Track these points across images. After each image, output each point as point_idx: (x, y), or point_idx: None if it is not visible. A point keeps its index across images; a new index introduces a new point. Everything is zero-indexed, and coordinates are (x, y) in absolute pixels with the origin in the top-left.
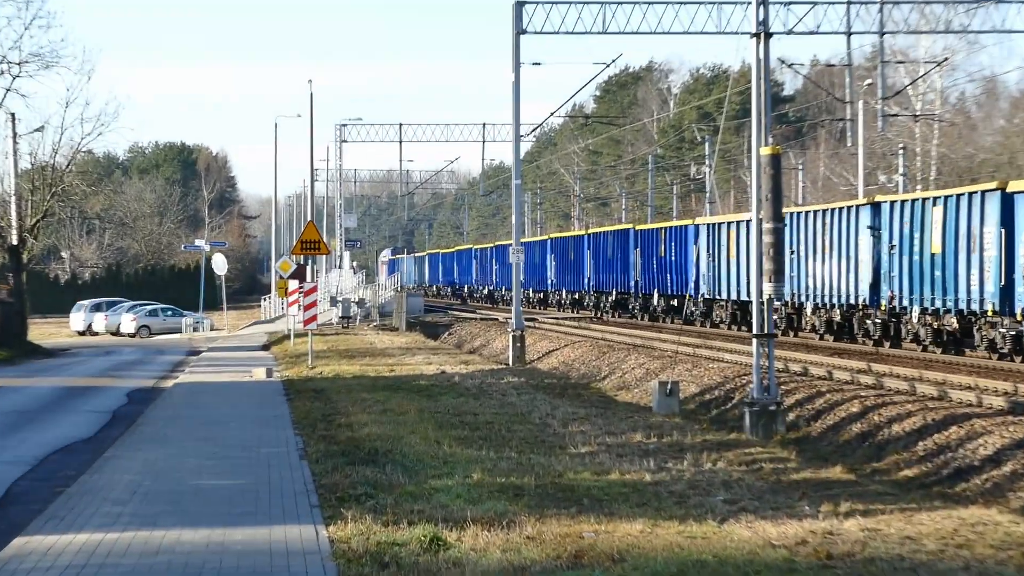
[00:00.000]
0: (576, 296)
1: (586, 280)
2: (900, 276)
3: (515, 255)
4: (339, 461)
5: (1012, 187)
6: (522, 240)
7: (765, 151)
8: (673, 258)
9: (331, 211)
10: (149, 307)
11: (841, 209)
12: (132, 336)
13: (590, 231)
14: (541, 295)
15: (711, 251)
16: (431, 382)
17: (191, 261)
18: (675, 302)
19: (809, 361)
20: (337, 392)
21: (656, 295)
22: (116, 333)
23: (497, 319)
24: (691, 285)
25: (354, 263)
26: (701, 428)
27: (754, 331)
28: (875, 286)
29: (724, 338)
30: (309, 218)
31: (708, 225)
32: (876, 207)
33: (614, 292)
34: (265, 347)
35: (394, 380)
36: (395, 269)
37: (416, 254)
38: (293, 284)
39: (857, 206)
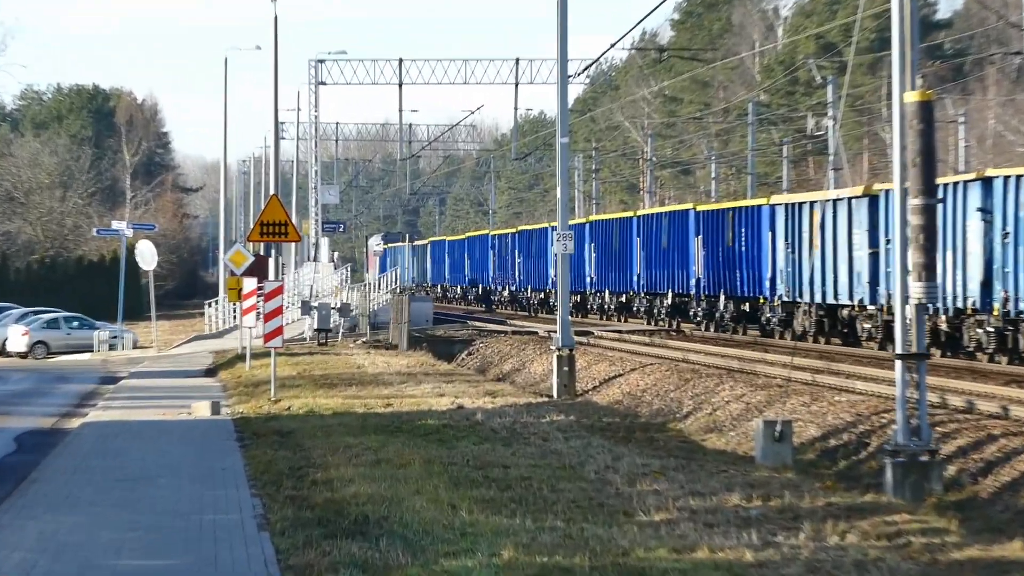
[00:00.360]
0: (623, 299)
1: (635, 278)
2: (1017, 272)
3: (561, 242)
4: (314, 533)
5: None
6: (548, 224)
7: (911, 97)
8: (743, 248)
9: (303, 181)
10: (47, 316)
11: (944, 187)
12: (23, 356)
13: (640, 213)
14: (578, 297)
15: (790, 239)
16: (443, 421)
17: (106, 251)
18: (746, 306)
19: (973, 392)
20: (311, 436)
21: (723, 297)
22: (0, 352)
23: (537, 333)
24: (766, 284)
25: (335, 254)
26: (823, 486)
27: (897, 349)
28: (987, 285)
29: (855, 359)
30: (272, 191)
31: (786, 205)
32: (988, 184)
33: (669, 293)
34: (210, 372)
35: (392, 419)
36: (390, 263)
37: (416, 243)
38: (250, 284)
39: (964, 183)
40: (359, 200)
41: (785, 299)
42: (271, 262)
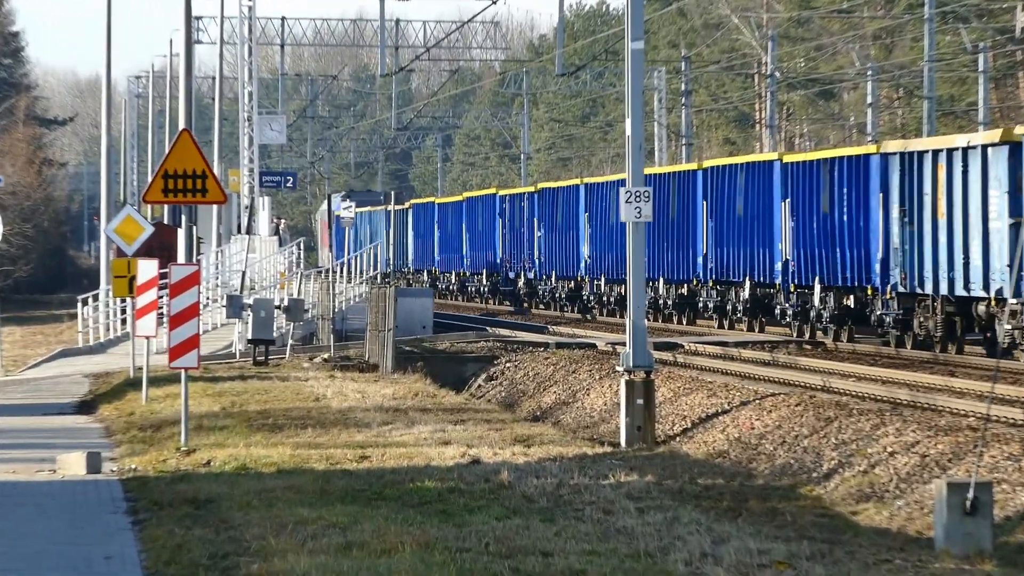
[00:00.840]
0: (684, 290)
1: (700, 260)
2: None
3: (633, 204)
4: None
5: None
6: (580, 181)
7: None
8: (845, 217)
9: (231, 109)
10: None
11: None
12: None
13: (706, 164)
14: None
15: (908, 205)
16: (450, 483)
17: None
18: (851, 299)
19: None
20: (244, 506)
21: (818, 287)
22: None
23: (595, 346)
24: (875, 268)
25: (281, 223)
26: None
27: None
28: None
29: None
30: (183, 125)
31: (902, 155)
32: None
33: (747, 283)
34: (86, 407)
35: (369, 479)
36: (362, 236)
37: (393, 206)
38: (147, 270)
39: None
40: (318, 139)
41: (901, 289)
42: (181, 235)
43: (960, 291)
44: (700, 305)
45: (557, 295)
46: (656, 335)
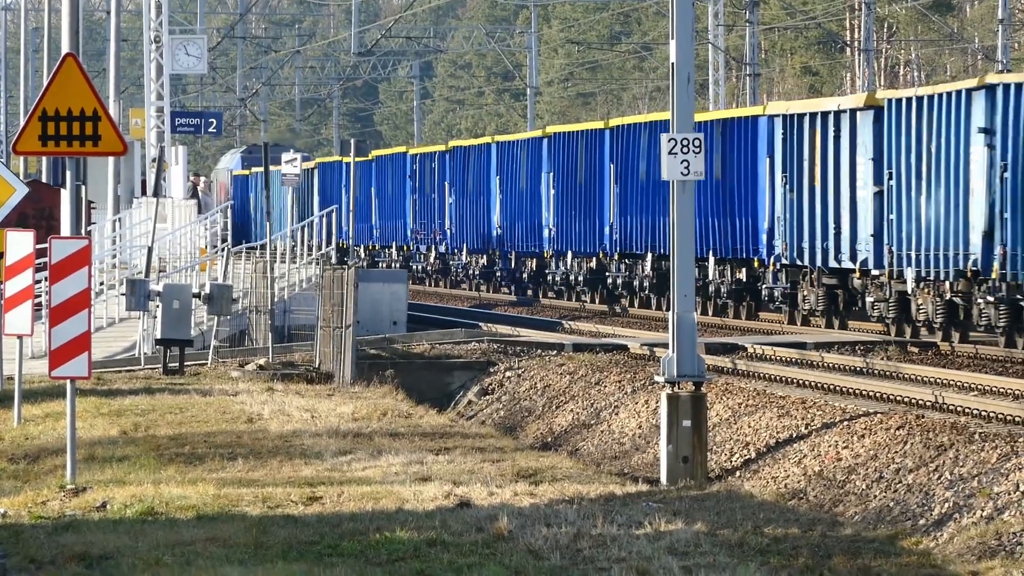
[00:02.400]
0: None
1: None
2: (1012, 218)
3: (678, 157)
4: None
5: None
6: (492, 139)
7: None
8: (736, 184)
9: (131, 27)
10: None
11: (939, 98)
12: None
13: (613, 123)
14: (533, 263)
15: (789, 172)
16: (429, 533)
17: None
18: (743, 273)
19: None
20: (149, 566)
21: (712, 259)
22: None
23: (627, 348)
24: (763, 239)
25: (200, 181)
26: None
27: None
28: (990, 237)
29: None
30: (68, 48)
31: (785, 117)
32: (991, 93)
33: (649, 256)
34: None
35: (322, 527)
36: (316, 198)
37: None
38: (20, 245)
39: (966, 91)
40: (251, 68)
41: (784, 261)
42: (65, 199)
43: (833, 263)
44: (610, 281)
45: (470, 274)
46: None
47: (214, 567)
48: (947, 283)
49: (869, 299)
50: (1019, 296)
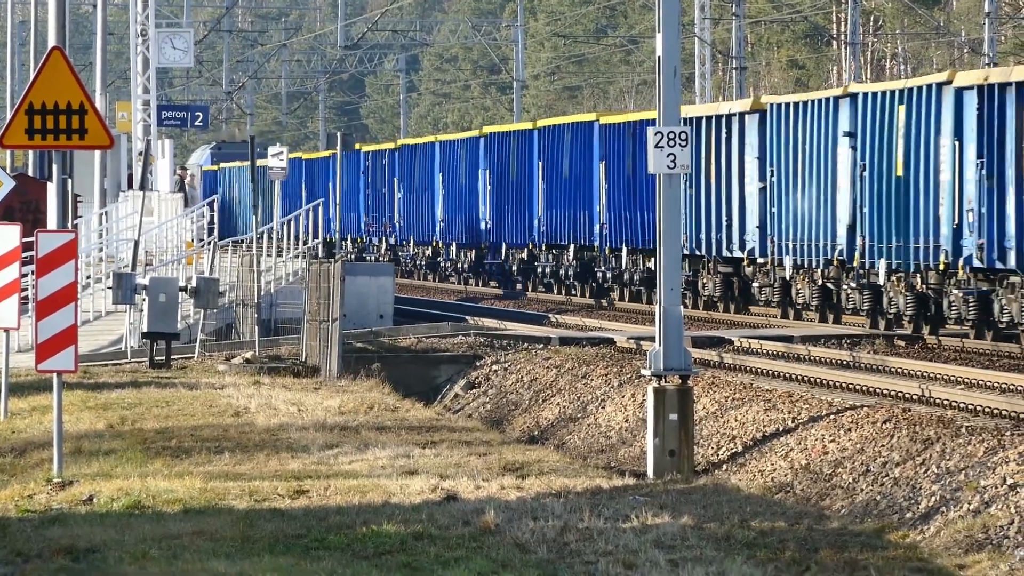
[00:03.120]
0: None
1: (536, 222)
2: (870, 212)
3: (664, 150)
4: None
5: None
6: (435, 138)
7: None
8: (646, 179)
9: (118, 20)
10: None
11: (812, 104)
12: None
13: (540, 124)
14: (471, 254)
15: (691, 169)
16: (416, 527)
17: None
18: (651, 262)
19: None
20: (139, 557)
21: (625, 250)
22: None
23: (613, 341)
24: (596, 228)
25: (187, 174)
26: None
27: None
28: (853, 229)
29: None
30: (54, 41)
31: (685, 120)
32: (854, 100)
33: (571, 247)
34: None
35: (308, 521)
36: (301, 192)
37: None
38: (5, 239)
39: (833, 99)
40: (237, 62)
41: (685, 252)
42: (51, 192)
43: (726, 252)
44: (539, 270)
45: (418, 262)
46: (548, 307)
47: (201, 560)
48: (819, 270)
49: (756, 284)
50: (877, 281)
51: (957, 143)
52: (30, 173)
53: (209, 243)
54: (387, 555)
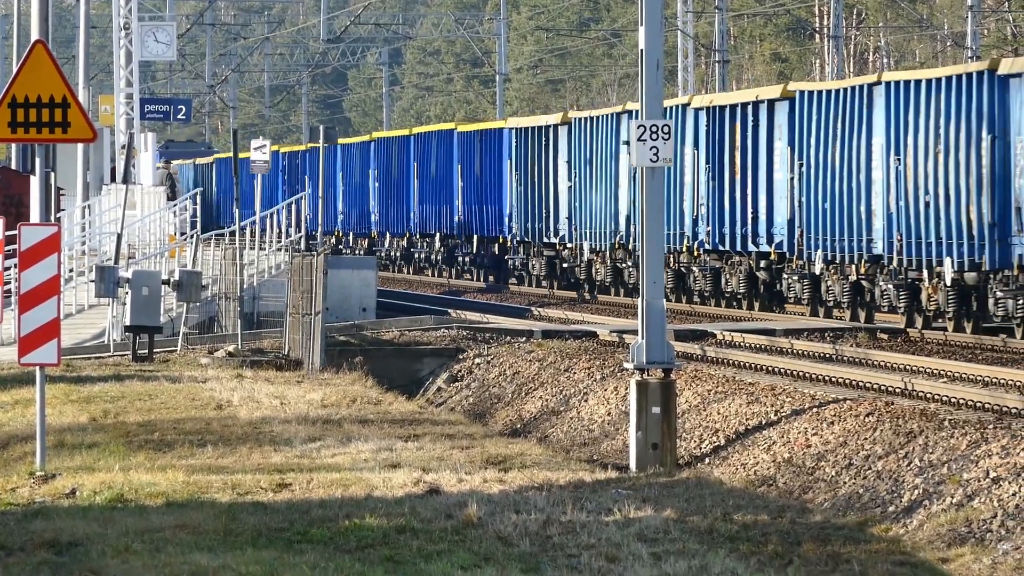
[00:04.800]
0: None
1: (410, 214)
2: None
3: (646, 144)
4: None
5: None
6: (370, 137)
7: None
8: (488, 179)
9: (100, 14)
10: None
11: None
12: None
13: (416, 130)
14: (402, 242)
15: (521, 169)
16: (399, 520)
17: None
18: (495, 248)
19: None
20: (121, 551)
21: (475, 238)
22: None
23: (596, 335)
24: (506, 221)
25: (170, 167)
26: None
27: None
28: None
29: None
30: (37, 35)
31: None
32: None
33: (437, 236)
34: None
35: (291, 514)
36: (284, 186)
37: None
38: None
39: (617, 115)
40: (220, 55)
41: (520, 238)
42: (34, 185)
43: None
44: (416, 256)
45: (357, 251)
46: (530, 300)
47: (183, 554)
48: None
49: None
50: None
51: (695, 152)
52: (13, 167)
53: (192, 236)
54: (370, 548)
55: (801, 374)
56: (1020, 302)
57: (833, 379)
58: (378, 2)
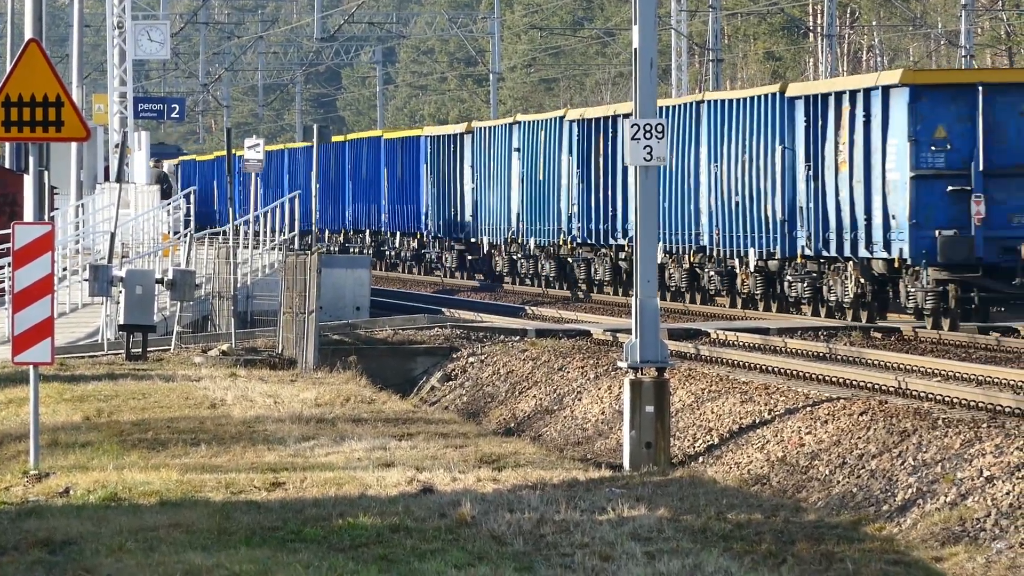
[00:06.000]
0: (415, 243)
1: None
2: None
3: (640, 142)
4: None
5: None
6: (344, 138)
7: None
8: (407, 180)
9: (94, 13)
10: None
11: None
12: None
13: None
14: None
15: (435, 172)
16: (392, 519)
17: None
18: (415, 243)
19: None
20: (115, 549)
21: (399, 234)
22: None
23: (590, 333)
24: (422, 219)
25: (164, 165)
26: None
27: None
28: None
29: None
30: (31, 34)
31: (434, 138)
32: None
33: (367, 231)
34: None
35: (285, 513)
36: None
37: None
38: None
39: (508, 125)
40: (214, 54)
41: (435, 234)
42: (27, 184)
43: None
44: (350, 250)
45: (333, 249)
46: (524, 299)
47: (177, 553)
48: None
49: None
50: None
51: (570, 158)
52: (7, 165)
53: (185, 235)
54: (363, 547)
55: (795, 373)
56: (805, 284)
57: (827, 378)
58: (372, 1)
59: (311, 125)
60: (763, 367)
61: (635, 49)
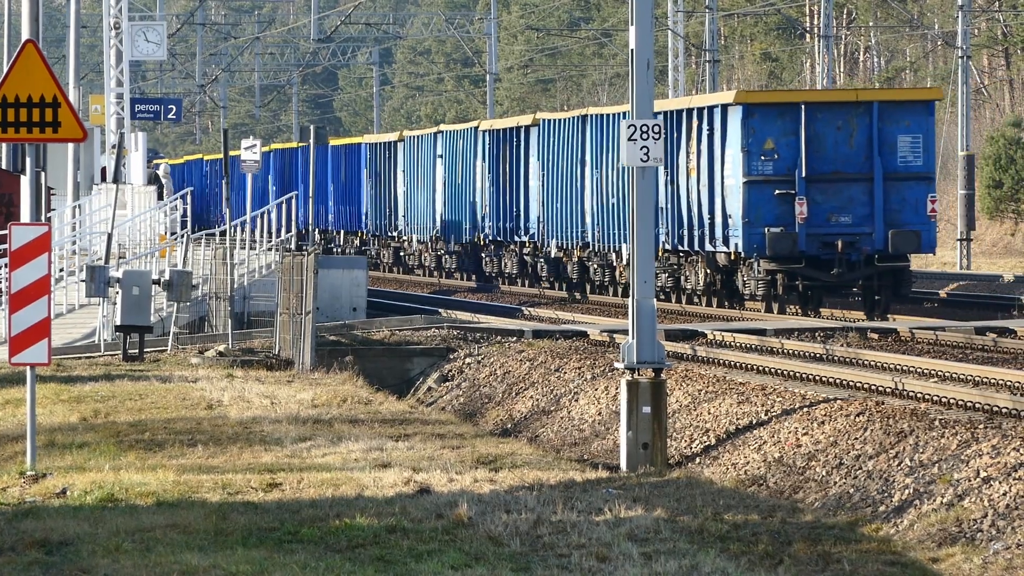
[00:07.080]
0: (357, 241)
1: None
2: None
3: (638, 143)
4: None
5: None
6: (296, 144)
7: None
8: (353, 184)
9: (91, 14)
10: None
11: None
12: None
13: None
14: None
15: (374, 177)
16: (389, 520)
17: None
18: (357, 241)
19: None
20: (112, 550)
21: (343, 233)
22: None
23: (586, 334)
24: (363, 218)
25: (160, 168)
26: None
27: None
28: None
29: None
30: (28, 34)
31: (377, 144)
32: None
33: (318, 231)
34: None
35: (281, 514)
36: (274, 183)
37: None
38: None
39: (433, 134)
40: (211, 55)
41: (373, 232)
42: (24, 185)
43: (392, 234)
44: (334, 251)
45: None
46: (521, 300)
47: (174, 553)
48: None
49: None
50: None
51: (484, 164)
52: (3, 166)
53: (182, 236)
54: (360, 548)
55: (792, 374)
56: (667, 275)
57: (823, 379)
58: (368, 2)
59: (308, 126)
60: (760, 368)
61: (632, 50)
